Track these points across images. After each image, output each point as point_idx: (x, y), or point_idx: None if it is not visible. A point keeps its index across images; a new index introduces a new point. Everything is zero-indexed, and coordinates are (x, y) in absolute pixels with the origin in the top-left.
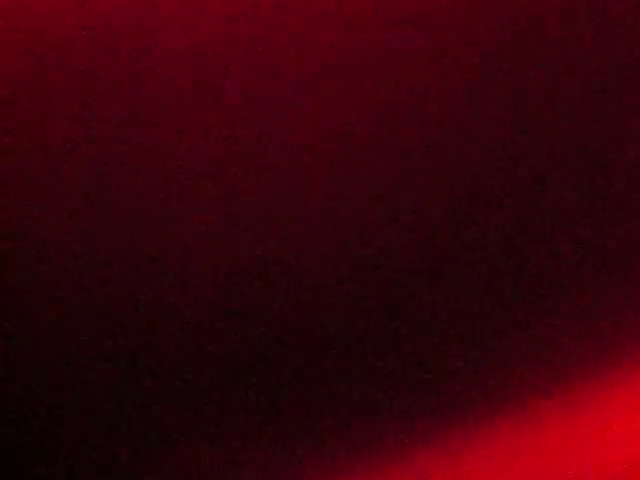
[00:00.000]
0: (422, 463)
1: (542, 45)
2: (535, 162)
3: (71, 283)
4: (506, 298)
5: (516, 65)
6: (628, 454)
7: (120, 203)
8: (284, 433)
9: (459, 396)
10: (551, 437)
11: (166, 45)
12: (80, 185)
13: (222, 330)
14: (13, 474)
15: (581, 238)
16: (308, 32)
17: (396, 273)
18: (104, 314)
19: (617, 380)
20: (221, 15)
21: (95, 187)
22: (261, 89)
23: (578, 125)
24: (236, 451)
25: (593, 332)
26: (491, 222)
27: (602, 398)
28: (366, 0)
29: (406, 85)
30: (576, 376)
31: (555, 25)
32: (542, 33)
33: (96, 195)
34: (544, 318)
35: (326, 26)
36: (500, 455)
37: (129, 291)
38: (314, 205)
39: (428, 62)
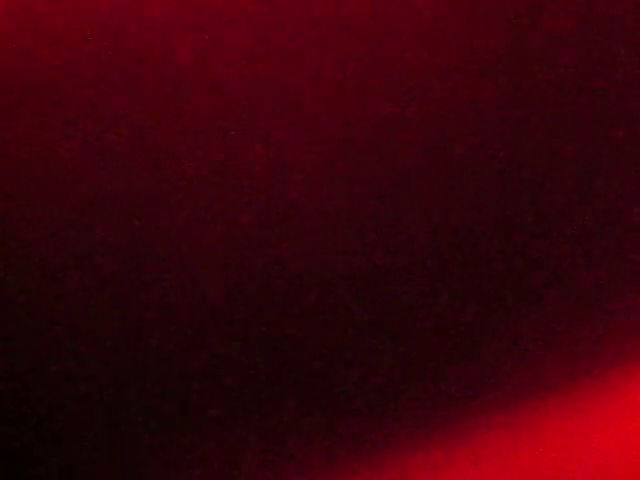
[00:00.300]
0: (422, 464)
1: (544, 48)
2: (534, 164)
3: (72, 285)
4: (508, 298)
5: (517, 67)
6: (630, 455)
7: (120, 204)
8: (284, 433)
9: (459, 397)
10: (552, 438)
11: (167, 46)
12: (79, 185)
13: (223, 330)
14: (13, 474)
15: (581, 241)
16: (308, 32)
17: (396, 275)
18: (104, 315)
19: (618, 381)
20: (221, 15)
21: (95, 188)
22: (262, 90)
23: (579, 131)
24: (236, 451)
25: (593, 333)
26: (492, 224)
27: (603, 400)
28: (366, 2)
29: (406, 90)
30: (576, 377)
31: (557, 29)
32: (544, 36)
33: (96, 196)
34: (545, 320)
35: (326, 27)
36: (500, 456)
37: (130, 292)
38: (315, 209)
39: (429, 65)
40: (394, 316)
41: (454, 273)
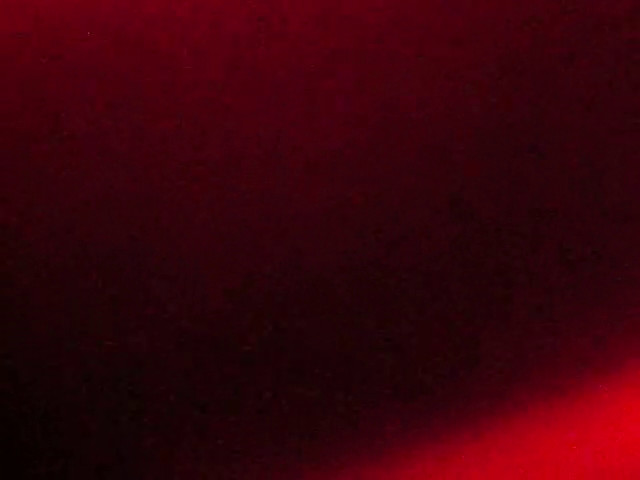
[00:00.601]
0: (420, 467)
1: (549, 46)
2: (535, 166)
3: (71, 284)
4: (508, 299)
5: (521, 66)
6: (629, 456)
7: (120, 203)
8: (285, 433)
9: (459, 401)
10: (551, 440)
11: (167, 45)
12: (79, 185)
13: (222, 331)
14: (13, 474)
15: (580, 246)
16: (308, 31)
17: (397, 275)
18: (105, 314)
19: (617, 383)
20: (221, 14)
21: (94, 187)
22: (263, 89)
23: (586, 129)
24: (235, 451)
25: (592, 337)
26: (494, 225)
27: (602, 402)
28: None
29: (407, 89)
30: (576, 379)
31: (561, 27)
32: (548, 34)
33: (96, 195)
34: (544, 323)
35: (327, 26)
36: (499, 458)
37: (132, 292)
38: (316, 208)
39: (431, 64)
40: (396, 316)
41: (456, 274)
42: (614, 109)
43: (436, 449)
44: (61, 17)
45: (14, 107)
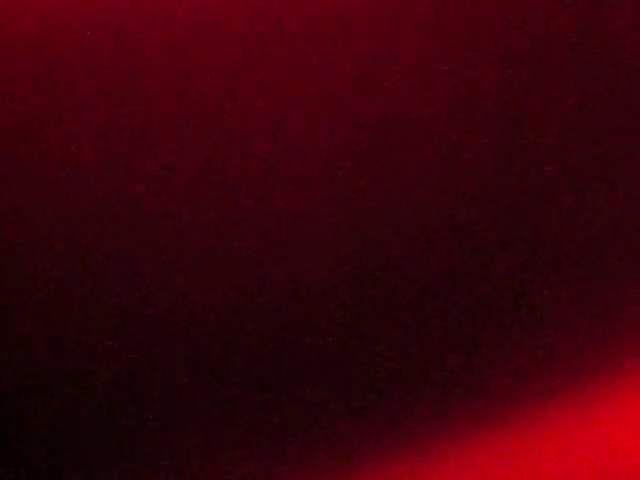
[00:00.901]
0: (419, 467)
1: (550, 44)
2: (537, 166)
3: (72, 284)
4: (507, 300)
5: (521, 67)
6: (630, 459)
7: (122, 206)
8: (284, 435)
9: (459, 403)
10: (552, 439)
11: (168, 45)
12: (78, 185)
13: (220, 332)
14: (13, 473)
15: (580, 246)
16: (308, 32)
17: (396, 284)
18: (106, 317)
19: (617, 382)
20: (221, 14)
21: (93, 188)
22: (261, 90)
23: (584, 130)
24: (234, 452)
25: (592, 337)
26: (494, 226)
27: (602, 401)
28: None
29: (406, 89)
30: (575, 379)
31: (560, 27)
32: (551, 32)
33: (95, 196)
34: (543, 323)
35: (326, 26)
36: (500, 460)
37: (132, 296)
38: (316, 209)
39: (431, 64)
40: (395, 320)
41: (456, 279)
42: (614, 109)
43: (435, 450)
44: (61, 17)
45: (14, 107)
